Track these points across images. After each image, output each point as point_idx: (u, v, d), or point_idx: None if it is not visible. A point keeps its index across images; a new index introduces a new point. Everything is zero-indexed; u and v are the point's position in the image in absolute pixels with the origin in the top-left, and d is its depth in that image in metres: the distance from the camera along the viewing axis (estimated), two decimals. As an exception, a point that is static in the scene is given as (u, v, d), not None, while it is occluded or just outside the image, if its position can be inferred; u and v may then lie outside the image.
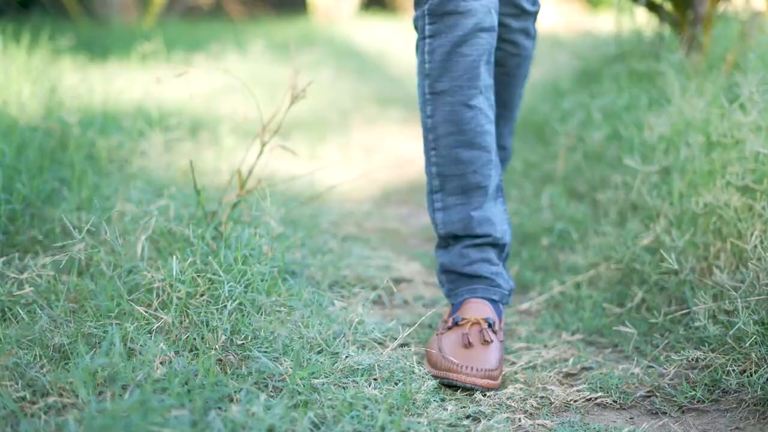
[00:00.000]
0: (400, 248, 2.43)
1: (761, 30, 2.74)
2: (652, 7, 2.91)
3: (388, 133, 4.16)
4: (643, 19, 3.16)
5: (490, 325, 1.66)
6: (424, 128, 1.76)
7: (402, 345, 1.70)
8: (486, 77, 1.71)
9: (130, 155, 2.61)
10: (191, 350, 1.50)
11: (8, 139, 2.20)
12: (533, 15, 1.95)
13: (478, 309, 1.69)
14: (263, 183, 1.87)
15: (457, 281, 1.77)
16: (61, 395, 1.34)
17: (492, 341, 1.63)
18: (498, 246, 1.78)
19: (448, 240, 1.78)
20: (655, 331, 1.80)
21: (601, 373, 1.64)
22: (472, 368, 1.57)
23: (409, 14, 9.33)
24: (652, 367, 1.66)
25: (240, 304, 1.58)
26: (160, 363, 1.41)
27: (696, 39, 2.74)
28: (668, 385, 1.59)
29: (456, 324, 1.66)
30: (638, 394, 1.57)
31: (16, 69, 2.97)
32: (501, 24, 1.91)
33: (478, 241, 1.76)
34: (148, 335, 1.50)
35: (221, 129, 3.18)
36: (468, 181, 1.74)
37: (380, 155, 3.71)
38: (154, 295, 1.60)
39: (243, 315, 1.57)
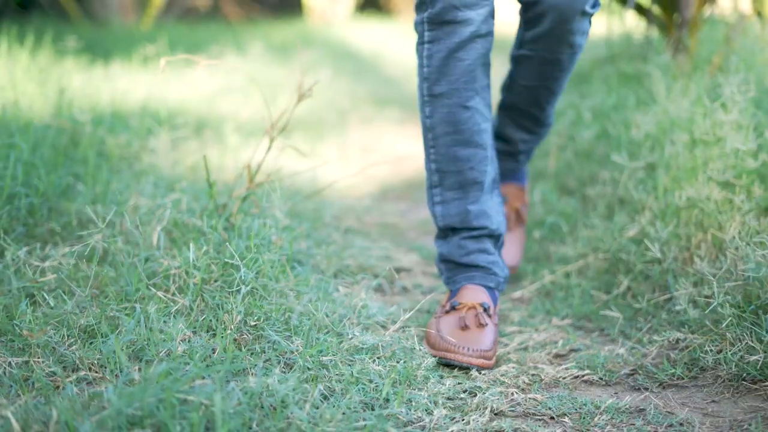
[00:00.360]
0: (399, 240, 2.53)
1: (745, 33, 2.84)
2: (641, 11, 3.00)
3: (385, 133, 4.23)
4: (632, 22, 3.25)
5: (485, 310, 1.75)
6: (424, 127, 1.84)
7: (402, 328, 1.80)
8: (482, 78, 1.79)
9: (139, 152, 2.71)
10: (208, 330, 1.60)
11: (24, 137, 2.28)
12: (591, 15, 1.89)
13: (474, 294, 1.79)
14: (271, 178, 1.98)
15: (455, 270, 1.85)
16: (90, 369, 1.45)
17: (487, 324, 1.72)
18: (494, 237, 1.86)
19: (446, 232, 1.87)
20: (639, 315, 1.89)
21: (588, 354, 1.73)
22: (468, 348, 1.66)
23: (403, 16, 9.42)
24: (636, 348, 1.76)
25: (252, 288, 1.69)
26: (181, 341, 1.52)
27: (682, 42, 2.82)
28: (650, 363, 1.68)
29: (453, 308, 1.75)
30: (622, 372, 1.66)
31: (20, 70, 3.06)
32: (568, 31, 1.86)
33: (474, 233, 1.84)
34: (168, 317, 1.61)
35: (225, 128, 3.27)
36: (465, 177, 1.82)
37: (378, 155, 3.78)
38: (171, 281, 1.70)
39: (255, 299, 1.67)
